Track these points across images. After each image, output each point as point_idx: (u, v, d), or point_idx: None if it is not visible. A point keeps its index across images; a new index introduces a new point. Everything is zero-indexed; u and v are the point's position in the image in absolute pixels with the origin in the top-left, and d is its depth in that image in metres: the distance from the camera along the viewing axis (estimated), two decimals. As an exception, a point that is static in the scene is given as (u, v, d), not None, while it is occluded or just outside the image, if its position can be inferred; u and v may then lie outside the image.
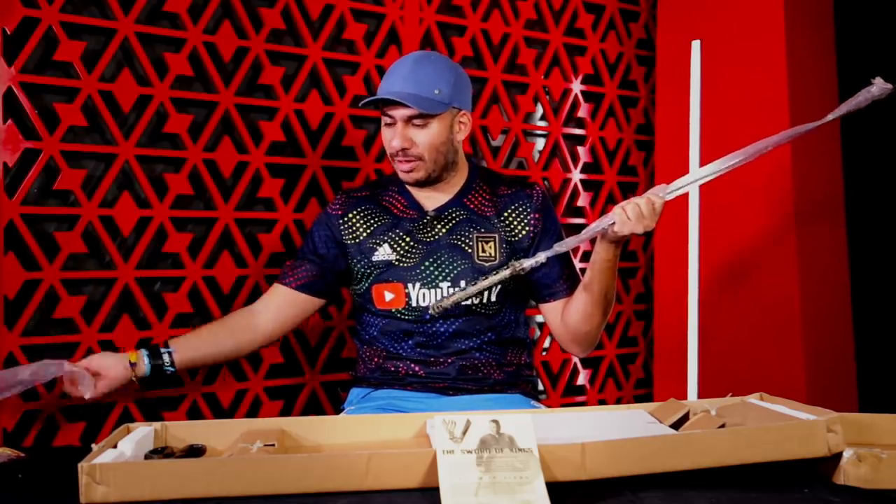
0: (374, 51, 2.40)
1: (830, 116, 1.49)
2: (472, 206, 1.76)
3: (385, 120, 1.70)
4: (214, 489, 1.02)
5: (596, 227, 1.56)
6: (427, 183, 1.73)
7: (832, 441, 1.10)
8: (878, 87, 1.45)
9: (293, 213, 2.27)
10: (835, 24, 2.63)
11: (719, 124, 2.58)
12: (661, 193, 1.54)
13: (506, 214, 1.76)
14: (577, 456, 1.05)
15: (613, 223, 1.53)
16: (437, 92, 1.66)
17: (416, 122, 1.67)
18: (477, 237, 1.73)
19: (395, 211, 1.77)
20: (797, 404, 1.26)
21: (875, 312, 2.65)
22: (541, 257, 1.59)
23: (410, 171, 1.70)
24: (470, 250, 1.72)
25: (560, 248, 1.60)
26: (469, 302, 1.68)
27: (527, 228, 1.75)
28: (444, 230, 1.73)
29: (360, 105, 1.72)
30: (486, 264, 1.70)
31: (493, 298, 1.72)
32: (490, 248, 1.73)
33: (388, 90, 1.67)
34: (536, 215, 1.76)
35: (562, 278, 1.76)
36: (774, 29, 2.49)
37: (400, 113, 1.67)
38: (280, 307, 1.82)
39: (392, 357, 1.73)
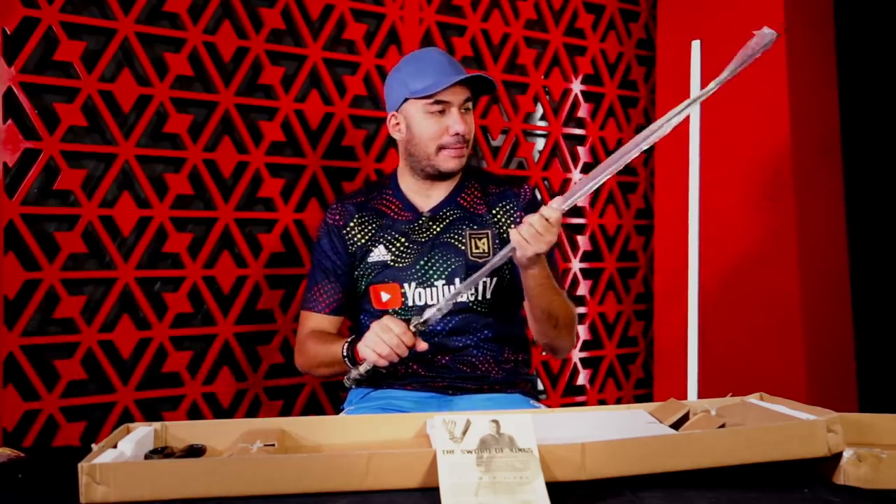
0: (374, 51, 2.40)
1: (714, 85, 1.45)
2: (465, 205, 1.77)
3: (433, 109, 1.68)
4: (214, 489, 1.02)
5: (497, 259, 1.56)
6: (455, 172, 1.75)
7: (832, 441, 1.10)
8: (769, 35, 1.43)
9: (293, 213, 2.27)
10: (835, 24, 2.63)
11: (719, 124, 2.58)
12: (556, 205, 1.52)
13: (495, 211, 1.77)
14: (577, 456, 1.04)
15: (515, 249, 1.52)
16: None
17: (466, 106, 1.71)
18: (470, 234, 1.74)
19: (390, 213, 1.77)
20: (797, 404, 1.26)
21: (875, 312, 2.65)
22: (441, 304, 1.57)
23: (463, 156, 1.72)
24: (463, 247, 1.72)
25: (461, 288, 1.59)
26: (464, 299, 1.68)
27: (514, 225, 1.76)
28: (438, 229, 1.74)
29: (434, 91, 1.65)
30: (480, 260, 1.71)
31: (489, 296, 1.72)
32: (483, 244, 1.73)
33: (450, 74, 1.66)
34: (522, 213, 1.77)
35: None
36: (774, 29, 2.48)
37: (459, 98, 1.69)
38: (326, 330, 1.79)
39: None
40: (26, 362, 1.90)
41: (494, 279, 1.71)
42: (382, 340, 1.51)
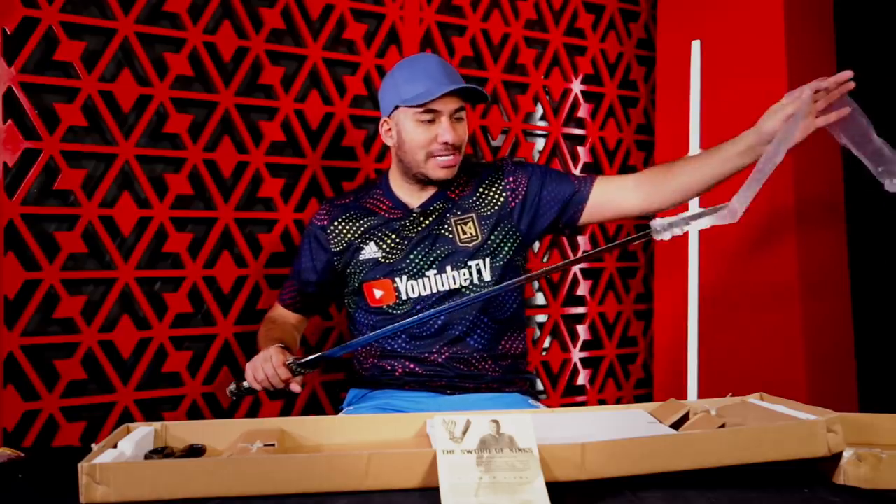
0: (374, 51, 2.40)
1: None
2: (454, 197, 1.77)
3: (423, 118, 1.68)
4: (214, 489, 1.02)
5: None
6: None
7: (832, 441, 1.10)
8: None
9: (293, 213, 2.27)
10: (835, 24, 2.63)
11: (719, 124, 2.58)
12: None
13: (481, 190, 1.78)
14: (577, 456, 1.05)
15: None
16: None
17: (458, 115, 1.71)
18: (455, 221, 1.74)
19: (381, 212, 1.78)
20: (797, 404, 1.26)
21: (875, 312, 2.65)
22: (330, 351, 1.61)
23: (453, 165, 1.72)
24: (451, 235, 1.73)
25: (414, 320, 1.59)
26: (458, 284, 1.69)
27: (505, 194, 1.77)
28: (427, 222, 1.75)
29: (424, 101, 1.66)
30: (471, 245, 1.72)
31: (487, 278, 1.72)
32: (470, 228, 1.74)
33: (441, 84, 1.66)
34: (511, 178, 1.78)
35: (575, 182, 1.78)
36: (774, 29, 2.49)
37: (449, 107, 1.68)
38: (286, 319, 1.91)
39: (386, 355, 1.73)
40: (26, 362, 1.90)
41: (488, 259, 1.72)
42: (262, 368, 1.58)
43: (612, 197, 1.76)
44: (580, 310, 2.79)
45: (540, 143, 2.75)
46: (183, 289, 2.11)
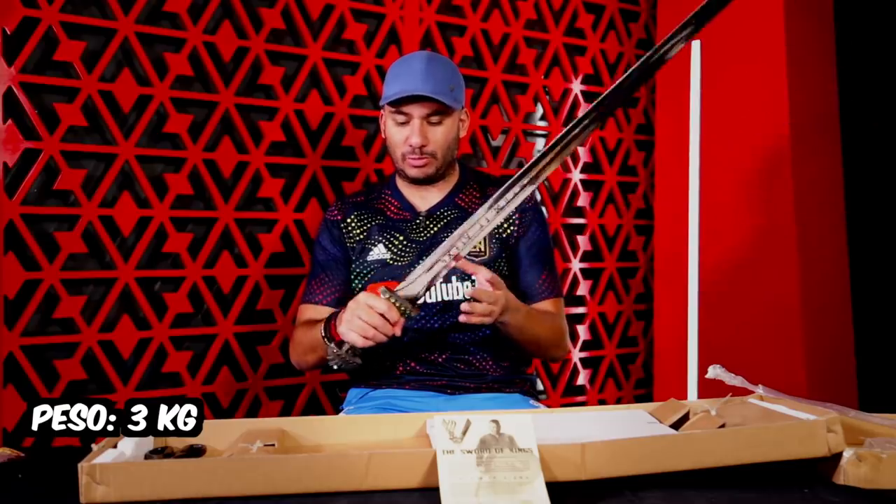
0: (374, 51, 2.40)
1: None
2: (463, 205, 1.77)
3: (397, 119, 1.70)
4: (214, 489, 1.02)
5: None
6: (431, 180, 1.75)
7: (832, 441, 1.10)
8: None
9: (293, 213, 2.27)
10: (835, 24, 2.63)
11: (719, 124, 2.58)
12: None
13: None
14: (577, 456, 1.04)
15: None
16: (451, 88, 1.70)
17: (433, 119, 1.69)
18: None
19: (389, 213, 1.78)
20: (797, 403, 1.26)
21: (875, 311, 2.65)
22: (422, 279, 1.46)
23: (424, 165, 1.71)
24: None
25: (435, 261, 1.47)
26: (462, 297, 1.68)
27: (512, 227, 1.77)
28: (436, 228, 1.75)
29: (384, 103, 1.71)
30: (476, 259, 1.71)
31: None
32: (480, 242, 1.74)
33: (409, 88, 1.66)
34: (518, 215, 1.77)
35: (539, 281, 1.77)
36: (774, 29, 2.49)
37: (420, 111, 1.68)
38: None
39: (388, 355, 1.73)
40: (26, 362, 1.90)
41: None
42: (364, 320, 1.44)
43: None
44: (580, 310, 2.79)
45: (540, 143, 2.75)
46: (183, 289, 2.11)
